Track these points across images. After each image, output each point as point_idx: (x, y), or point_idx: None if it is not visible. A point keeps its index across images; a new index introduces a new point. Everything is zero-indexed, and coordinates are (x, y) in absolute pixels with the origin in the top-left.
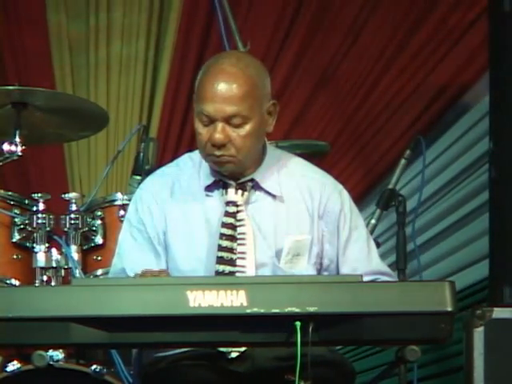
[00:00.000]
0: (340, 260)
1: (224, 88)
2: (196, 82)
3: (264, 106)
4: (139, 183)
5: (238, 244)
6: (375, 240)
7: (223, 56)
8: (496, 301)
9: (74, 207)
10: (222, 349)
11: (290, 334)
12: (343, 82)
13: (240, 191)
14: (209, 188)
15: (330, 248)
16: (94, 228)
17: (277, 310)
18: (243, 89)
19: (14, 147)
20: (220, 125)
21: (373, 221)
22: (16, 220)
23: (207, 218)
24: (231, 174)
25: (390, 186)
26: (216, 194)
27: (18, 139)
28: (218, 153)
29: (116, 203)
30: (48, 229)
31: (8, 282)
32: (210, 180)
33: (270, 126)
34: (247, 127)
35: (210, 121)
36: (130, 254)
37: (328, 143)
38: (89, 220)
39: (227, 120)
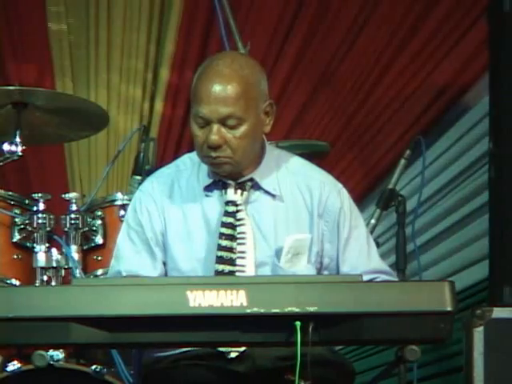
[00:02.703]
0: (340, 259)
1: (218, 89)
2: (192, 84)
3: (260, 107)
4: (139, 183)
5: (238, 243)
6: (375, 240)
7: (218, 57)
8: (496, 301)
9: (74, 207)
10: (221, 349)
11: (290, 333)
12: (343, 82)
13: (239, 191)
14: (208, 188)
15: (330, 247)
16: (94, 228)
17: (277, 310)
18: (237, 90)
19: (15, 147)
20: (215, 126)
21: (373, 221)
22: (16, 220)
23: (207, 217)
24: (229, 175)
25: (390, 186)
26: (215, 193)
27: (18, 139)
28: (214, 154)
29: (116, 203)
30: (48, 229)
31: (8, 281)
32: (209, 180)
33: (267, 126)
34: (242, 128)
35: (206, 122)
36: (127, 256)
37: (328, 143)
38: (89, 220)
39: (222, 121)
